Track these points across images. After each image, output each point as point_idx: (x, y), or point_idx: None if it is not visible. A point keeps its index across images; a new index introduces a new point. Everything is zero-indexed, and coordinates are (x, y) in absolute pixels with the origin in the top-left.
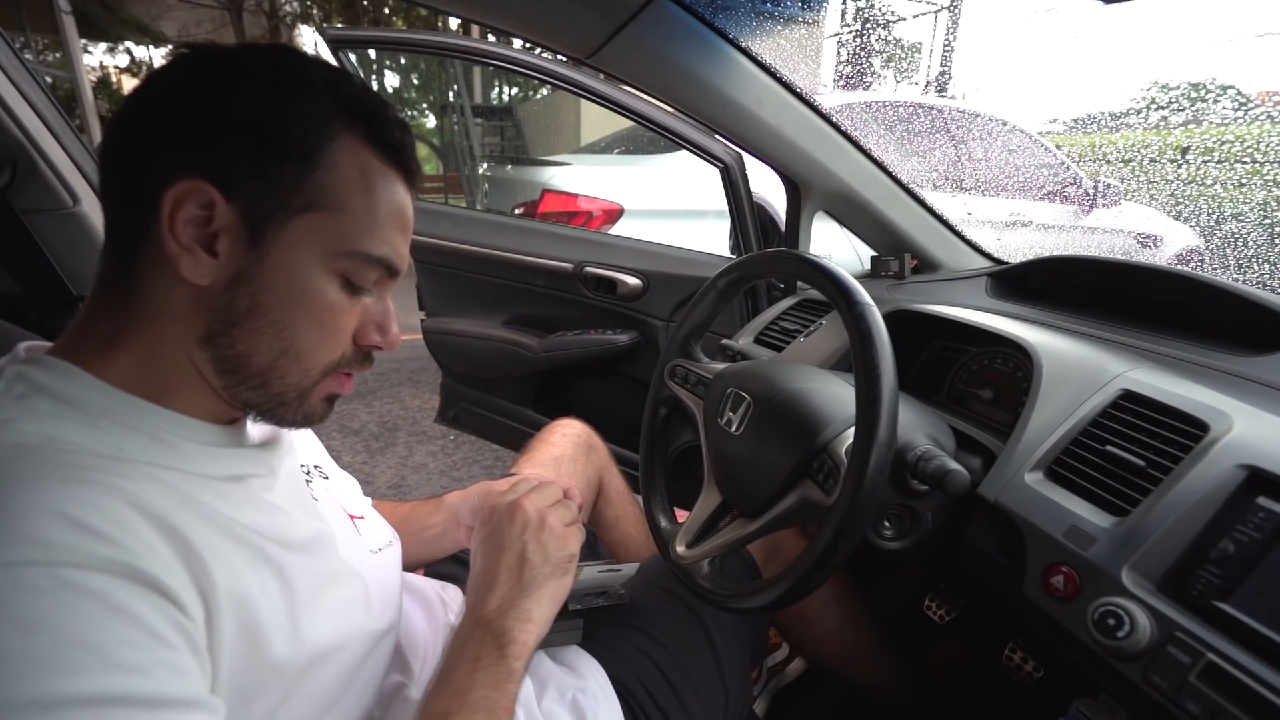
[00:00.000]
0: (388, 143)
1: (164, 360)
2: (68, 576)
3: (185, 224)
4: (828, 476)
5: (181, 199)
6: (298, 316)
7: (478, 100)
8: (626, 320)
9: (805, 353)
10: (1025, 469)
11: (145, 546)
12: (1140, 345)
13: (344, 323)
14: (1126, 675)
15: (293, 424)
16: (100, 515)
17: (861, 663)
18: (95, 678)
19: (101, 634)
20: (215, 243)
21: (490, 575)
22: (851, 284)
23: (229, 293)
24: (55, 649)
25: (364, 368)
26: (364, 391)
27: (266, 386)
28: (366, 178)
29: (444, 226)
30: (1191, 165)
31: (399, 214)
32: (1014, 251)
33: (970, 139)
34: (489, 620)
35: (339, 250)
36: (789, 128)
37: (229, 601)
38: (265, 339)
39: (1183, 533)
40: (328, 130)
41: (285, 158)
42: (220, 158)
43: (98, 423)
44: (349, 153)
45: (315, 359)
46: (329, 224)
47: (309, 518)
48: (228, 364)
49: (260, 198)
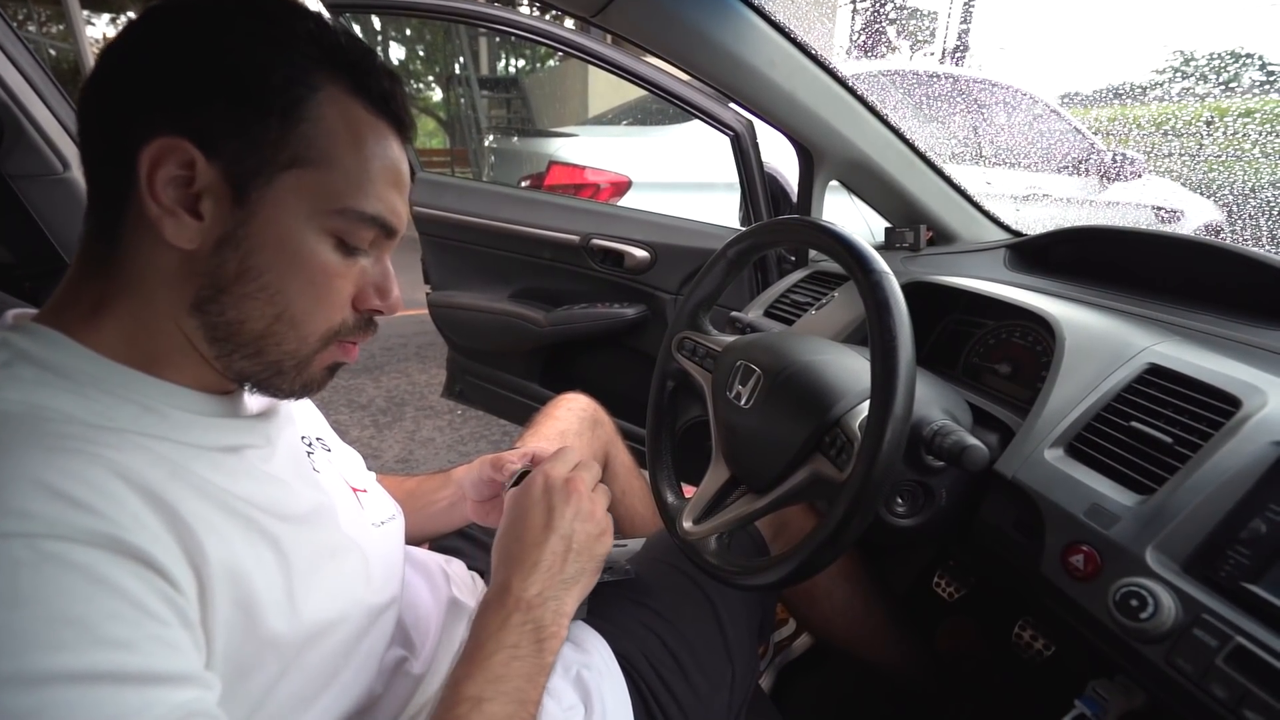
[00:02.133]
0: (376, 93)
1: (152, 328)
2: (49, 549)
3: (166, 185)
4: (840, 451)
5: (159, 158)
6: (290, 280)
7: (484, 72)
8: (634, 293)
9: (817, 325)
10: (1045, 445)
11: (131, 518)
12: (1166, 319)
13: (340, 286)
14: (1148, 658)
15: (290, 394)
16: (84, 485)
17: (869, 639)
18: (81, 653)
19: (86, 608)
20: (199, 204)
21: (536, 555)
22: (868, 251)
23: (216, 256)
24: (37, 623)
25: (367, 334)
26: (371, 366)
27: (262, 354)
28: (355, 131)
29: (449, 198)
30: (1226, 131)
31: (392, 169)
32: (1032, 224)
33: (988, 109)
34: (530, 607)
35: (329, 208)
36: (802, 91)
37: (223, 574)
38: (257, 304)
39: (1211, 512)
40: (311, 80)
41: (266, 111)
42: (198, 114)
43: (86, 391)
44: (335, 104)
45: (312, 325)
46: (317, 180)
47: (309, 489)
48: (219, 331)
49: (242, 155)
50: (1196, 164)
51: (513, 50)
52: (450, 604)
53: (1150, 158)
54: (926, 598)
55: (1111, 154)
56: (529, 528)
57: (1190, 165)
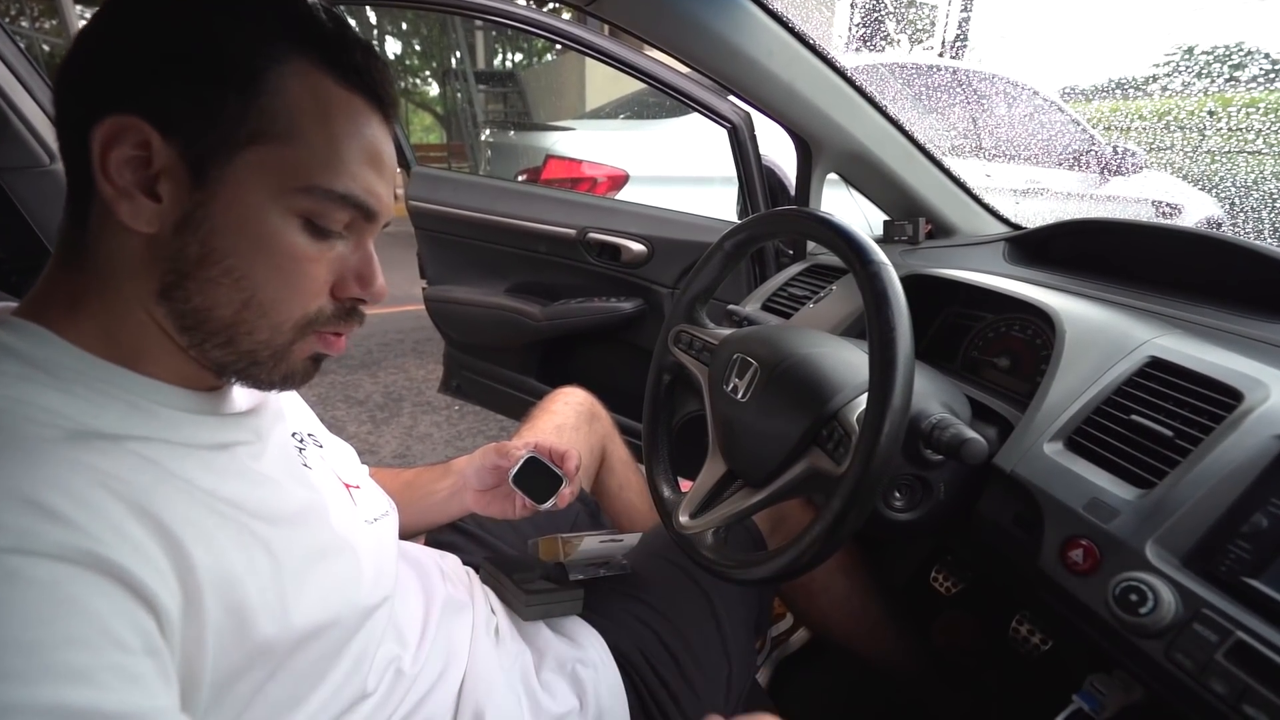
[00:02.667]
0: (349, 66)
1: (126, 320)
2: (11, 564)
3: (121, 165)
4: (838, 445)
5: (111, 138)
6: (255, 264)
7: (481, 66)
8: (630, 287)
9: (814, 319)
10: (1044, 439)
11: (112, 531)
12: (1167, 312)
13: (312, 271)
14: (1147, 653)
15: (271, 385)
16: (64, 495)
17: (866, 634)
18: (31, 685)
19: (43, 631)
20: (157, 185)
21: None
22: (866, 242)
23: (178, 240)
24: (18, 642)
25: (350, 325)
26: (369, 362)
27: (234, 344)
28: (323, 105)
29: (445, 193)
30: (1230, 122)
31: (369, 147)
32: (1032, 218)
33: (988, 101)
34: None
35: (295, 186)
36: (801, 82)
37: (212, 581)
38: (223, 290)
39: (1213, 506)
40: (272, 52)
41: (223, 84)
42: (154, 91)
43: (72, 388)
44: (300, 77)
45: (284, 313)
46: (281, 157)
47: (300, 487)
48: (187, 319)
49: (200, 132)
50: (1199, 157)
51: (509, 44)
52: (445, 601)
53: (1151, 151)
54: (923, 592)
55: (1111, 148)
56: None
57: (1192, 158)
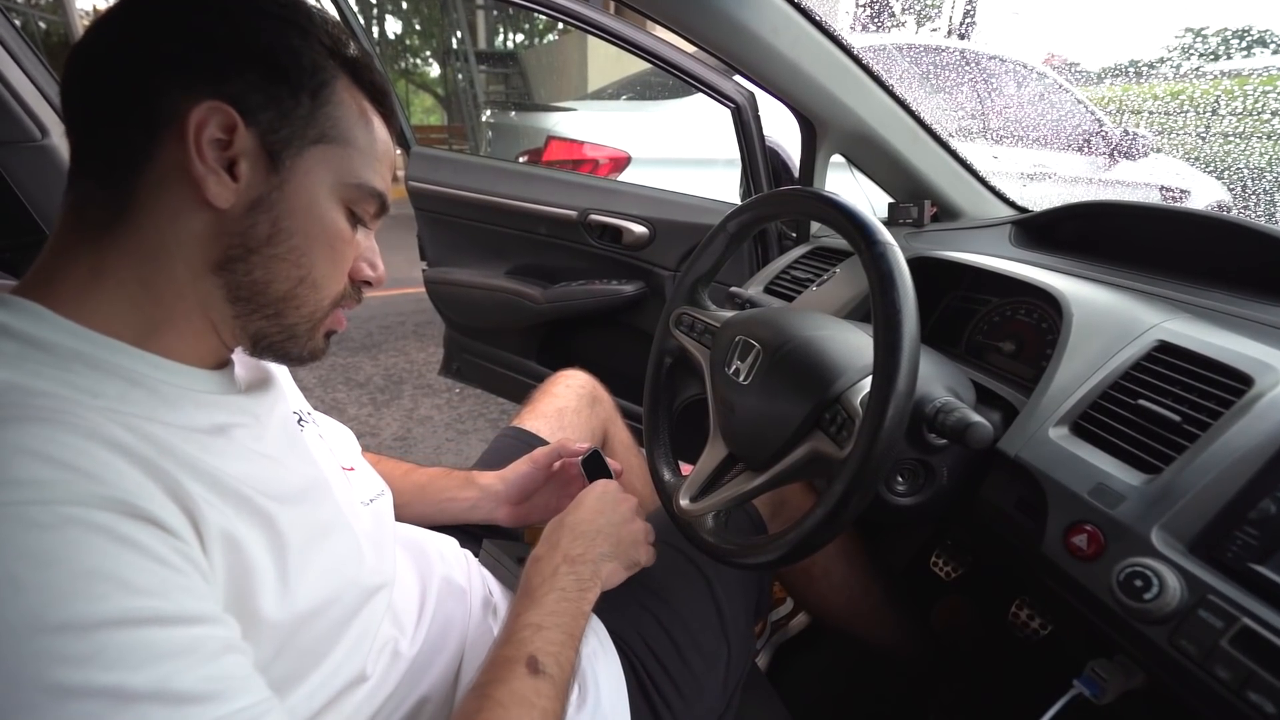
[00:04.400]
0: (378, 88)
1: (161, 292)
2: (69, 513)
3: (208, 145)
4: (841, 428)
5: (205, 120)
6: (315, 245)
7: (481, 46)
8: (632, 270)
9: (818, 302)
10: (1050, 424)
11: (135, 484)
12: (1175, 296)
13: (350, 253)
14: (1151, 638)
15: (299, 359)
16: (82, 455)
17: (866, 618)
18: (120, 601)
19: (115, 563)
20: (235, 167)
21: (583, 528)
22: (872, 222)
23: (249, 218)
24: (74, 578)
25: (354, 303)
26: (369, 344)
27: (281, 316)
28: (365, 118)
29: (445, 173)
30: (1245, 102)
31: (389, 153)
32: (1039, 202)
33: (996, 82)
34: (574, 561)
35: (348, 182)
36: (806, 60)
37: (220, 541)
38: (285, 266)
39: (1220, 492)
40: (330, 67)
41: (299, 89)
42: (235, 83)
43: (70, 366)
44: (348, 91)
45: (329, 289)
46: (339, 156)
47: (302, 464)
48: (243, 290)
49: (276, 125)
50: (1212, 139)
51: (510, 24)
52: (442, 582)
53: (1161, 134)
54: (924, 576)
55: (1119, 131)
56: (585, 509)
57: (1205, 139)
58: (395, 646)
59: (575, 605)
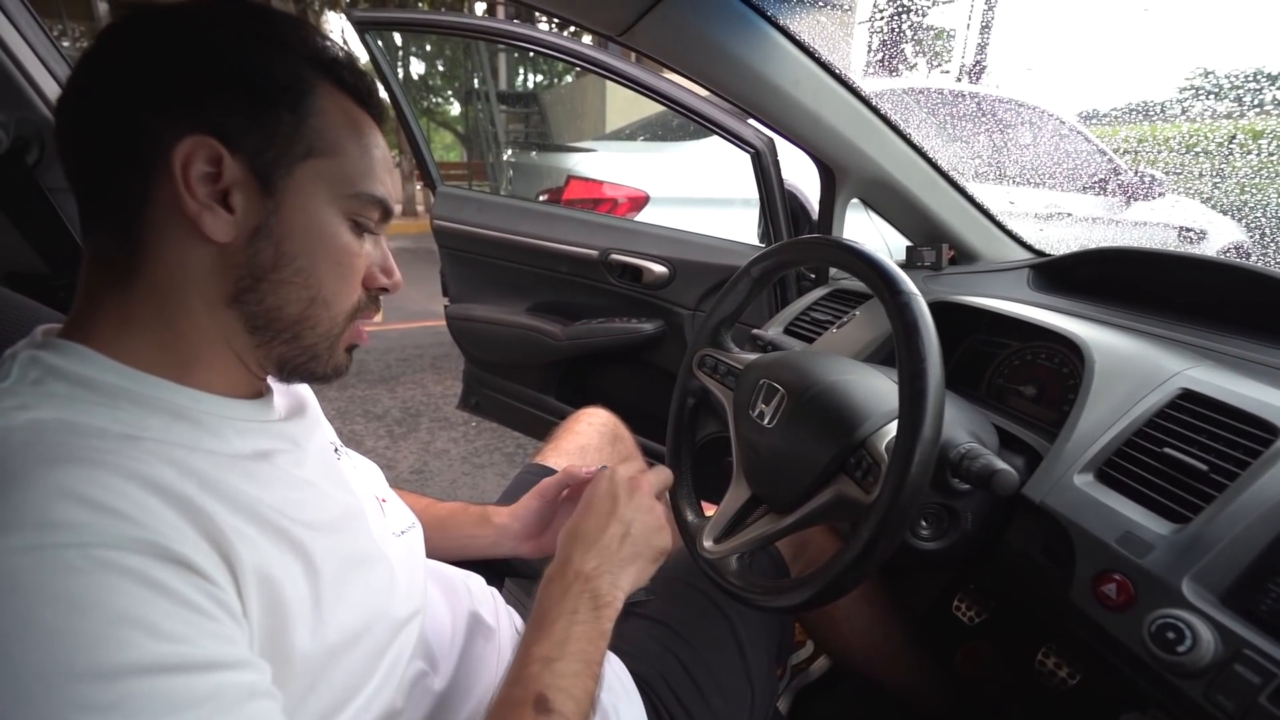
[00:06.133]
0: (364, 90)
1: (185, 331)
2: (102, 556)
3: (198, 181)
4: (866, 473)
5: (191, 156)
6: (320, 263)
7: (502, 87)
8: (651, 309)
9: (838, 344)
10: (1075, 470)
11: (170, 526)
12: (1197, 342)
13: (359, 265)
14: (1187, 693)
15: (324, 377)
16: (120, 497)
17: (889, 663)
18: (148, 648)
19: (145, 609)
20: (228, 198)
21: (595, 536)
22: (896, 272)
23: (251, 246)
24: (104, 624)
25: (372, 313)
26: (387, 377)
27: (299, 339)
28: (354, 122)
29: (468, 212)
30: (1262, 153)
31: (385, 158)
32: (1056, 244)
33: (1011, 127)
34: (588, 578)
35: (345, 193)
36: (826, 110)
37: (255, 580)
38: (294, 289)
39: (1251, 543)
40: (307, 77)
41: (278, 105)
42: (215, 111)
43: (118, 403)
44: (331, 99)
45: (341, 304)
46: (331, 168)
47: (340, 492)
48: (259, 320)
49: (262, 148)
50: (1228, 185)
51: (531, 66)
52: (471, 618)
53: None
54: (946, 621)
55: (1135, 173)
56: (594, 513)
57: (1220, 186)
58: (426, 682)
59: (591, 628)
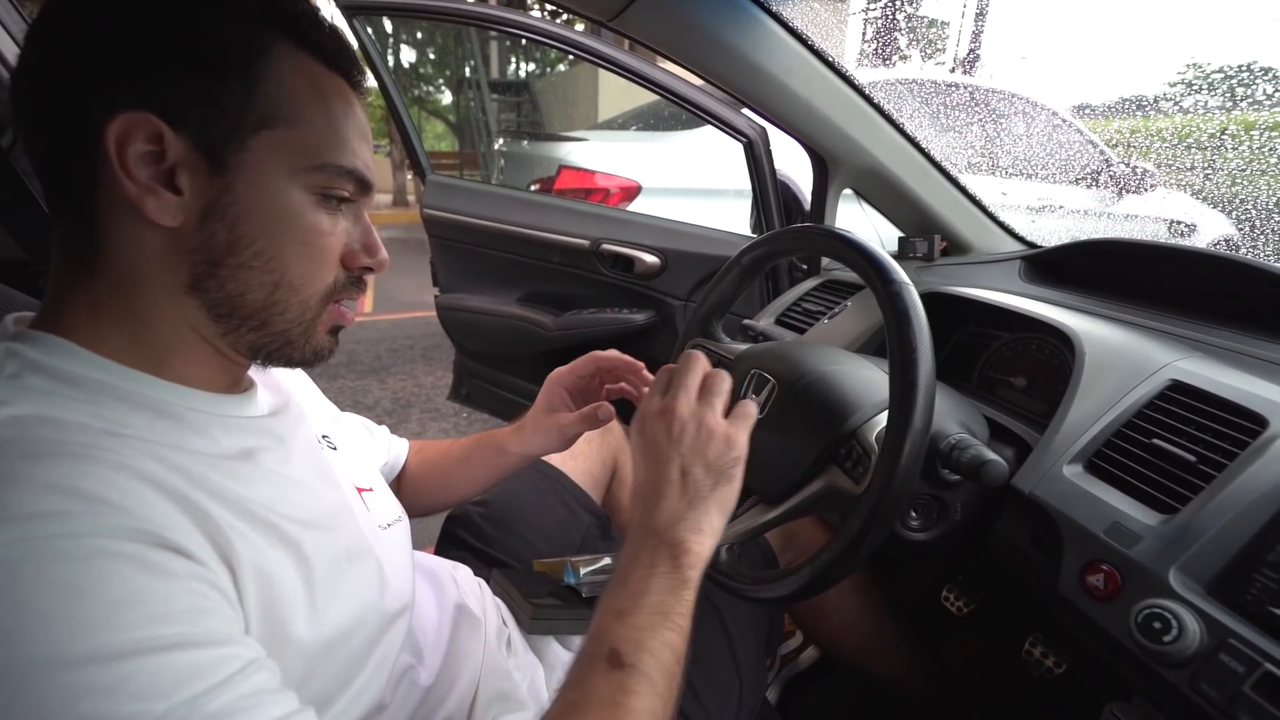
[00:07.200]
0: (330, 50)
1: (152, 321)
2: (96, 544)
3: (138, 161)
4: (856, 464)
5: (126, 134)
6: (283, 244)
7: (494, 75)
8: (643, 299)
9: (830, 334)
10: (1064, 461)
11: (165, 516)
12: (1187, 334)
13: (330, 245)
14: (1172, 682)
15: (303, 362)
16: (112, 488)
17: (877, 653)
18: (149, 628)
19: (141, 590)
20: (175, 178)
21: (655, 491)
22: (888, 261)
23: (204, 230)
24: (101, 607)
25: (358, 292)
26: (378, 368)
27: (268, 325)
28: (316, 86)
29: (459, 201)
30: (1253, 145)
31: (359, 124)
32: (1047, 236)
33: (1004, 119)
34: (660, 532)
35: (308, 165)
36: (819, 99)
37: (252, 574)
38: (255, 273)
39: (1238, 533)
40: (261, 39)
41: (225, 73)
42: (156, 84)
43: (98, 399)
44: (289, 62)
45: (311, 287)
46: (290, 139)
47: (328, 489)
48: (221, 308)
49: (210, 122)
50: (1219, 177)
51: (523, 54)
52: (457, 609)
53: (1169, 171)
54: (935, 611)
55: (1126, 165)
56: (645, 465)
57: (1212, 179)
58: (412, 676)
59: (671, 579)
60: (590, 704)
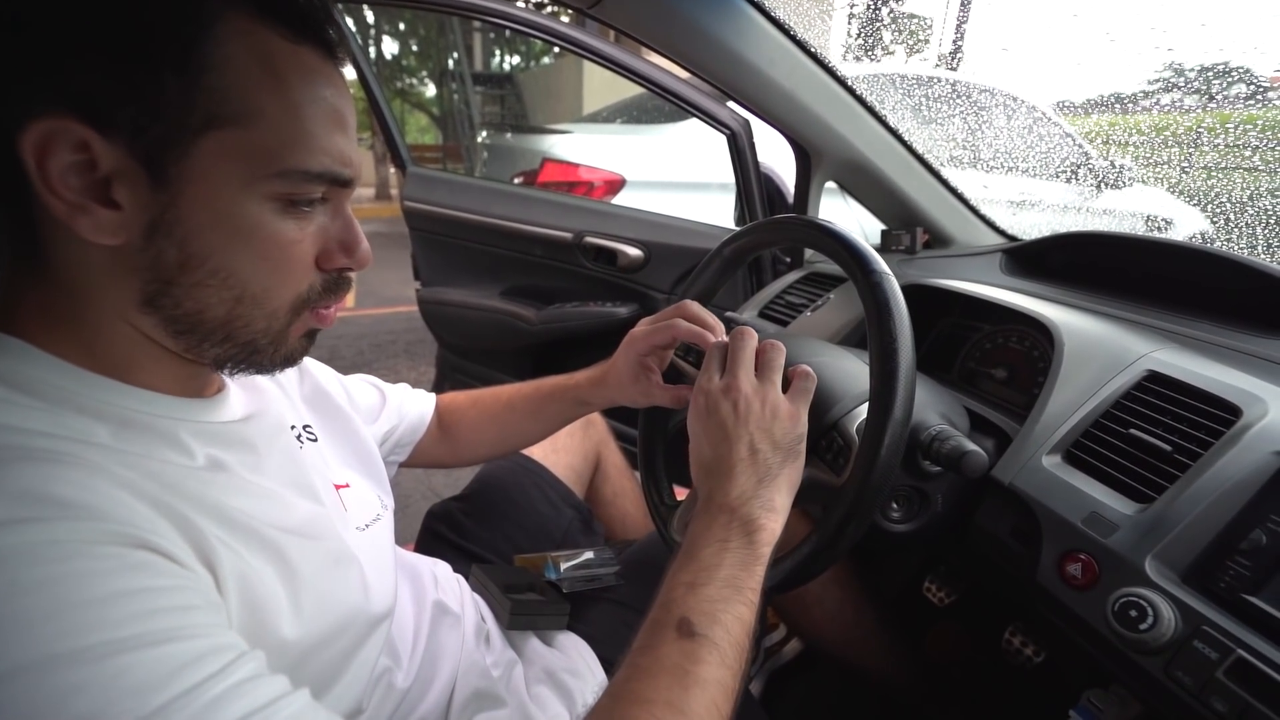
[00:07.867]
0: (292, 13)
1: (107, 332)
2: (76, 549)
3: (64, 174)
4: (837, 456)
5: (46, 145)
6: (240, 259)
7: (478, 68)
8: (626, 292)
9: (813, 327)
10: (1043, 451)
11: (145, 520)
12: (1164, 326)
13: (298, 253)
14: (1147, 669)
15: (273, 368)
16: (90, 492)
17: (859, 645)
18: (137, 624)
19: (129, 589)
20: (110, 191)
21: (724, 467)
22: (869, 251)
23: (151, 247)
24: (90, 605)
25: (340, 294)
26: (360, 363)
27: (232, 339)
28: (275, 70)
29: (440, 193)
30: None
31: (332, 110)
32: (1028, 230)
33: (985, 113)
34: (734, 508)
35: (266, 172)
36: (802, 90)
37: (234, 579)
38: (212, 291)
39: (1211, 522)
40: (202, 13)
41: (156, 62)
42: (72, 78)
43: (59, 411)
44: (242, 38)
45: (277, 299)
46: (243, 142)
47: (302, 499)
48: (180, 324)
49: (143, 123)
50: (1194, 171)
51: (507, 46)
52: (435, 607)
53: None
54: (916, 603)
55: (1104, 161)
56: (710, 443)
57: (1188, 173)
58: (390, 678)
59: (745, 554)
60: (661, 669)
